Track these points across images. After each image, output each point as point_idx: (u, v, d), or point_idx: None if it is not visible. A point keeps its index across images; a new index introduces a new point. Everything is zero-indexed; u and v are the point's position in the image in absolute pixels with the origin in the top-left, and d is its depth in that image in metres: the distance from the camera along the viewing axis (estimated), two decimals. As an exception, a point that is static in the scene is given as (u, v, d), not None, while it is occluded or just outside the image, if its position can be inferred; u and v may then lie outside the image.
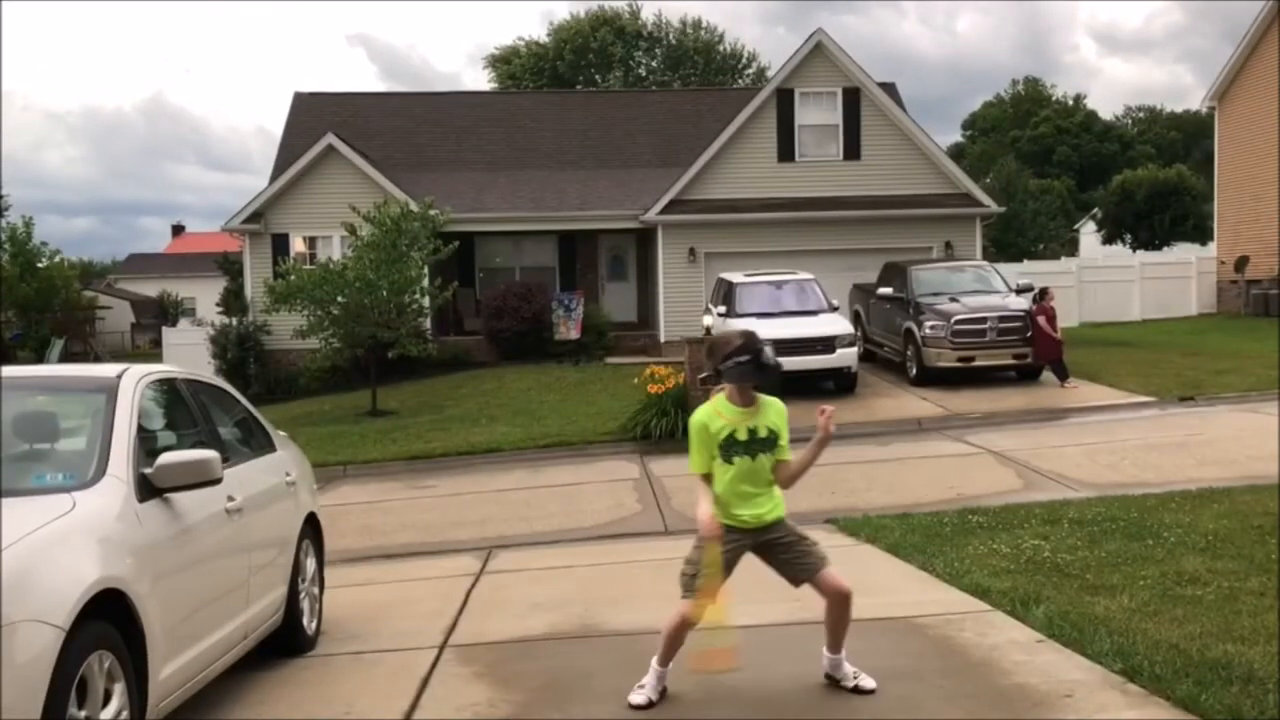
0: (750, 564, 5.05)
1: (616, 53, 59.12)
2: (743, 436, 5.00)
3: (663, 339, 24.81)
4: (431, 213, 21.93)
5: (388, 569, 9.53)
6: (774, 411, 5.12)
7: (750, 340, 5.01)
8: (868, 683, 5.10)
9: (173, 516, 4.87)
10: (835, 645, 5.17)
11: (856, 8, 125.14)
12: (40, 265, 45.12)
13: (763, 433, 5.03)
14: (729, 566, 5.06)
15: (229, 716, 5.42)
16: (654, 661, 5.17)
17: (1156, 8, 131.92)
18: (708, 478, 5.08)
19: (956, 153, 68.79)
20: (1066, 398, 16.72)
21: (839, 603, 5.07)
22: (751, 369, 4.95)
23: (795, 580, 5.17)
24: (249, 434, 6.58)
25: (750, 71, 59.61)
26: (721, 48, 60.90)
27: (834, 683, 5.18)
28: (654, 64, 61.75)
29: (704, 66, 59.24)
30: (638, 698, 5.10)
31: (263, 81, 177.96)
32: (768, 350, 4.98)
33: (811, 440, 5.08)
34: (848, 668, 5.17)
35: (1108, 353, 20.77)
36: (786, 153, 25.12)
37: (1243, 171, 29.15)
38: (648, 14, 66.56)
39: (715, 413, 5.06)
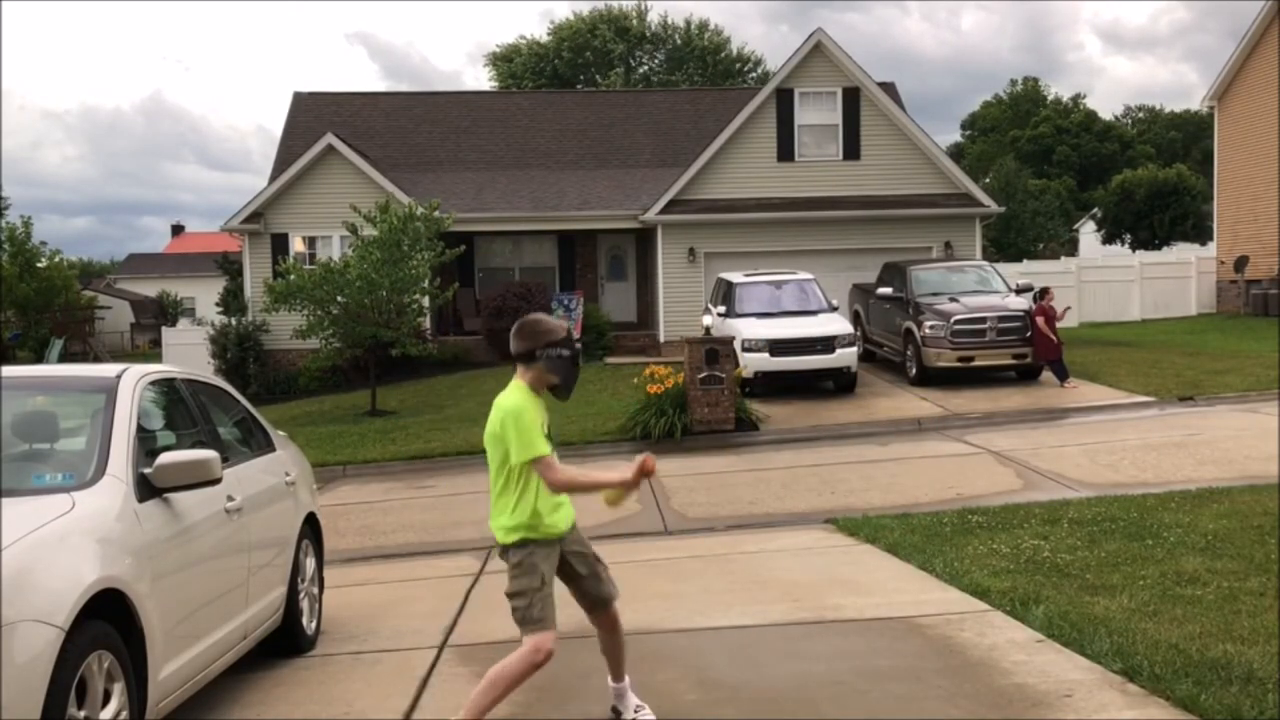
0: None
1: (617, 50, 59.02)
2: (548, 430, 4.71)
3: (662, 339, 24.80)
4: (437, 214, 21.92)
5: (388, 569, 9.53)
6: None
7: (571, 335, 4.74)
8: (647, 716, 4.90)
9: (172, 516, 4.87)
10: (619, 673, 4.98)
11: (859, 6, 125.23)
12: (40, 265, 45.13)
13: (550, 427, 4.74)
14: (551, 581, 4.65)
15: (229, 716, 5.42)
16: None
17: (1161, 5, 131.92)
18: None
19: (956, 152, 68.83)
20: (1066, 398, 16.72)
21: (615, 634, 4.90)
22: (569, 363, 4.63)
23: (591, 606, 4.88)
24: (248, 434, 6.59)
25: (754, 75, 59.54)
26: (728, 50, 60.76)
27: (616, 714, 4.98)
28: (656, 63, 61.70)
29: (707, 67, 59.13)
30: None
31: (262, 81, 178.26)
32: (577, 349, 4.75)
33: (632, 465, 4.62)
34: (631, 698, 4.97)
35: (1107, 353, 20.76)
36: (786, 152, 25.10)
37: (1242, 171, 29.13)
38: (655, 15, 66.48)
39: (532, 401, 4.64)
